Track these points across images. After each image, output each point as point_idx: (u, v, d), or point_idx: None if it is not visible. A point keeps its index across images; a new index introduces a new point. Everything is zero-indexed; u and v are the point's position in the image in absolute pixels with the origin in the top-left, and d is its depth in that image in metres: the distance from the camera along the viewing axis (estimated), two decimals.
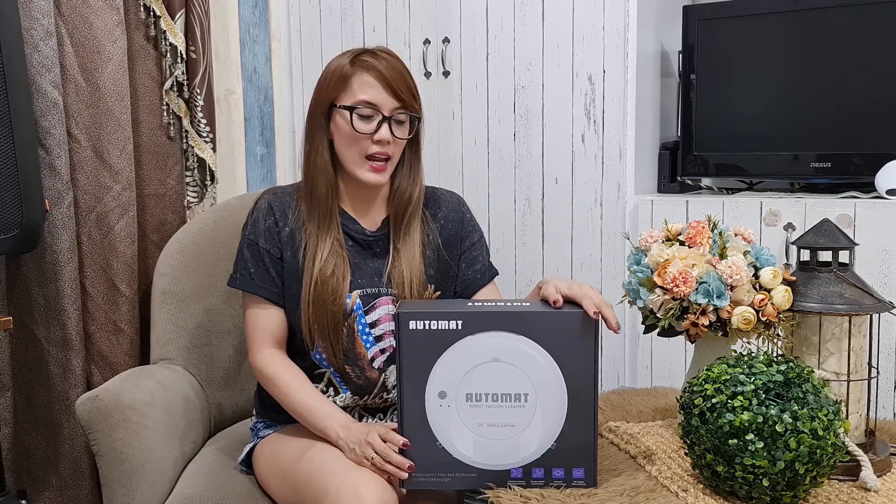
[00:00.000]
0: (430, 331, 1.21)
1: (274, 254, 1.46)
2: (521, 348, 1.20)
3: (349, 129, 1.40)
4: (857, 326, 1.26)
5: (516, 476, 1.22)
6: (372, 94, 1.39)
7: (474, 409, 1.21)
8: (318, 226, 1.44)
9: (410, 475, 1.23)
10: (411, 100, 1.42)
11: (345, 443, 1.32)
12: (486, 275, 1.56)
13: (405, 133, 1.43)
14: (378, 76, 1.39)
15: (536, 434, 1.21)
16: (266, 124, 2.57)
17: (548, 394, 1.20)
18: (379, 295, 1.47)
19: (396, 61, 1.42)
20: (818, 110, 2.01)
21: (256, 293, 1.46)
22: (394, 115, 1.41)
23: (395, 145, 1.42)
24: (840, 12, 1.96)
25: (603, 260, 2.15)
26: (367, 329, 1.46)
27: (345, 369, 1.47)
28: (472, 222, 1.57)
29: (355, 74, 1.41)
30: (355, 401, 1.49)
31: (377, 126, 1.40)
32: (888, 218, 1.79)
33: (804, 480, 1.09)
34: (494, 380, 1.21)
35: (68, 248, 1.81)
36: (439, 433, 1.22)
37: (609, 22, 2.08)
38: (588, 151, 2.14)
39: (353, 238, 1.48)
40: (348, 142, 1.42)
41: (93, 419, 1.49)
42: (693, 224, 1.35)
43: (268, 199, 1.49)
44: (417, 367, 1.21)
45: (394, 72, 1.40)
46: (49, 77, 1.75)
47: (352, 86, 1.40)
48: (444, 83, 2.37)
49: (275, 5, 2.59)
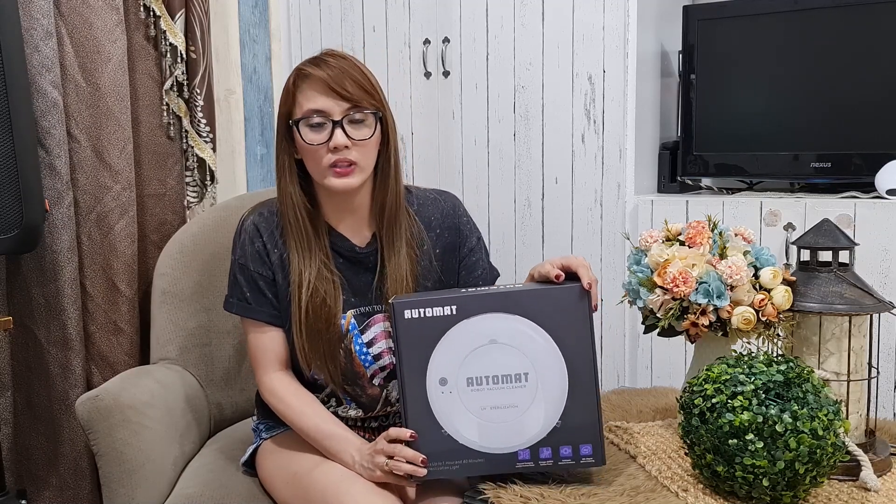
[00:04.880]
0: (425, 318, 1.21)
1: (266, 276, 1.42)
2: (517, 328, 1.20)
3: (303, 143, 1.34)
4: (858, 326, 1.26)
5: (524, 458, 1.21)
6: (317, 102, 1.33)
7: (476, 392, 1.21)
8: (300, 252, 1.39)
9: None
10: (363, 95, 1.34)
11: (360, 465, 1.31)
12: (487, 280, 1.52)
13: (367, 133, 1.35)
14: (319, 82, 1.33)
15: (540, 413, 1.21)
16: (266, 124, 2.57)
17: (548, 371, 1.20)
18: (373, 313, 1.44)
19: (342, 60, 1.35)
20: (818, 110, 2.01)
21: (256, 318, 1.43)
22: (346, 116, 1.33)
23: (357, 148, 1.34)
24: (840, 12, 1.96)
25: (603, 260, 2.15)
26: (364, 349, 1.44)
27: (345, 388, 1.45)
28: (468, 225, 1.51)
29: (299, 87, 1.35)
30: (359, 416, 1.48)
31: (330, 133, 1.32)
32: (888, 218, 1.79)
33: (804, 480, 1.09)
34: (493, 362, 1.21)
35: (68, 248, 1.81)
36: (444, 421, 1.22)
37: (609, 22, 2.08)
38: (588, 151, 2.14)
39: (343, 256, 1.43)
40: (308, 156, 1.36)
41: (93, 419, 1.49)
42: (693, 224, 1.35)
43: (254, 221, 1.44)
44: (416, 356, 1.21)
45: (336, 72, 1.33)
46: (49, 77, 1.75)
47: (297, 99, 1.35)
48: (444, 83, 2.37)
49: (275, 5, 2.59)
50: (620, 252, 2.11)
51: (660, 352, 2.09)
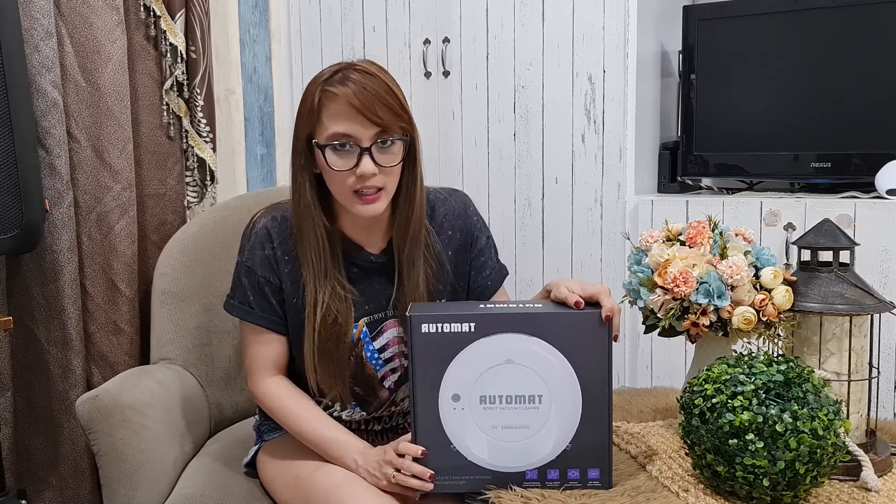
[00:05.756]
0: (442, 334, 1.19)
1: (273, 283, 1.38)
2: (535, 350, 1.19)
3: (328, 167, 1.27)
4: (858, 326, 1.26)
5: (531, 478, 1.21)
6: (344, 126, 1.24)
7: (488, 411, 1.20)
8: (316, 274, 1.34)
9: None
10: (394, 120, 1.27)
11: (364, 470, 1.30)
12: (496, 280, 1.50)
13: (394, 160, 1.29)
14: (346, 105, 1.24)
15: (551, 435, 1.20)
16: (266, 124, 2.57)
17: (562, 395, 1.19)
18: (385, 318, 1.42)
19: (371, 78, 1.26)
20: (818, 110, 2.01)
21: (257, 323, 1.40)
22: (375, 143, 1.26)
23: (385, 175, 1.28)
24: (839, 12, 1.96)
25: (603, 260, 2.15)
26: (376, 354, 1.42)
27: (354, 390, 1.44)
28: (477, 225, 1.48)
29: (324, 107, 1.26)
30: (363, 417, 1.47)
31: (357, 160, 1.25)
32: (888, 218, 1.79)
33: (804, 480, 1.09)
34: (508, 382, 1.19)
35: (68, 248, 1.81)
36: (453, 436, 1.21)
37: (609, 22, 2.08)
38: (588, 151, 2.14)
39: (357, 266, 1.40)
40: (332, 180, 1.30)
41: (93, 419, 1.49)
42: (693, 224, 1.35)
43: (266, 225, 1.38)
44: (430, 371, 1.20)
45: (366, 94, 1.24)
46: (49, 77, 1.75)
47: (322, 120, 1.26)
48: (444, 83, 2.36)
49: (275, 5, 2.59)
50: (620, 252, 2.11)
51: (660, 352, 2.09)
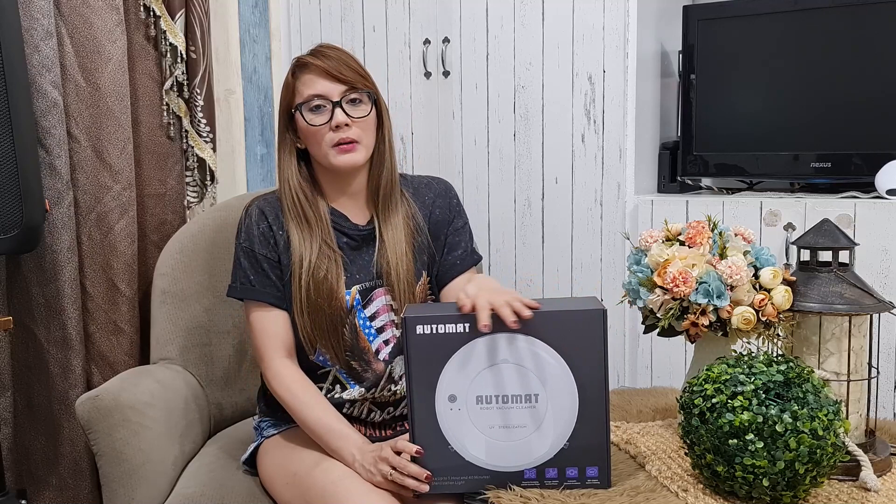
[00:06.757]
0: (437, 335, 1.20)
1: (272, 258, 1.46)
2: (530, 349, 1.19)
3: (307, 126, 1.43)
4: (858, 326, 1.26)
5: (530, 477, 1.21)
6: (316, 87, 1.43)
7: (485, 411, 1.21)
8: (300, 232, 1.45)
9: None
10: (357, 78, 1.44)
11: (360, 465, 1.31)
12: (465, 261, 1.56)
13: (363, 111, 1.45)
14: (316, 69, 1.43)
15: (549, 434, 1.20)
16: (266, 124, 2.57)
17: (558, 393, 1.19)
18: (374, 287, 1.48)
19: (337, 51, 1.46)
20: (818, 110, 2.01)
21: (259, 300, 1.45)
22: (344, 97, 1.43)
23: (358, 127, 1.44)
24: (839, 12, 1.96)
25: (603, 260, 2.15)
26: (367, 323, 1.47)
27: (350, 365, 1.47)
28: (458, 208, 1.58)
29: (298, 77, 1.46)
30: (363, 395, 1.49)
31: (331, 114, 1.42)
32: (888, 218, 1.79)
33: (804, 480, 1.09)
34: (504, 381, 1.20)
35: (68, 248, 1.81)
36: (451, 437, 1.22)
37: (609, 22, 2.08)
38: (588, 151, 2.14)
39: (347, 234, 1.49)
40: (312, 139, 1.44)
41: (93, 419, 1.49)
42: (693, 224, 1.35)
43: (258, 205, 1.50)
44: (426, 372, 1.20)
45: (332, 60, 1.43)
46: (49, 77, 1.75)
47: (297, 88, 1.45)
48: (444, 83, 2.37)
49: (275, 5, 2.59)
50: (620, 252, 2.11)
51: (660, 352, 2.09)
